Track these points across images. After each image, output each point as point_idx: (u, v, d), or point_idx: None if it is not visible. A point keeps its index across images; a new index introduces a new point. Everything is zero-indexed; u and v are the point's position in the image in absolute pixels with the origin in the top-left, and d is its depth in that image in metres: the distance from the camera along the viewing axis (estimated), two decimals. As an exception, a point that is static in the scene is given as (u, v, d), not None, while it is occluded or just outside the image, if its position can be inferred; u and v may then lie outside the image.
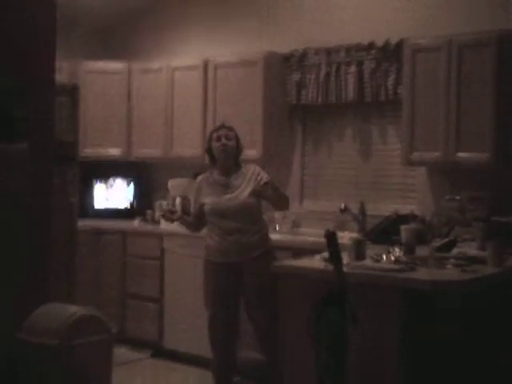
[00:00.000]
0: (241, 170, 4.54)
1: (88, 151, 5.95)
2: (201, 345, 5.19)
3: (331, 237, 3.09)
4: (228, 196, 4.42)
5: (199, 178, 4.62)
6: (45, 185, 3.90)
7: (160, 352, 5.56)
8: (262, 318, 4.37)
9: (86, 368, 3.33)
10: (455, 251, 3.89)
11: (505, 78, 4.36)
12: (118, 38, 6.67)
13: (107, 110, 6.15)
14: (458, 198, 4.59)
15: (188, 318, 5.34)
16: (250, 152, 5.34)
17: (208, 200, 4.46)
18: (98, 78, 6.12)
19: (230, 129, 4.54)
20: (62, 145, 5.00)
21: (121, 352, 5.36)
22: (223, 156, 4.47)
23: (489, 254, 3.64)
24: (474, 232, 4.23)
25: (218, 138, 4.47)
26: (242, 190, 4.43)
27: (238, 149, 4.54)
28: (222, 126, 4.54)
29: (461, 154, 4.48)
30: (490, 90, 4.37)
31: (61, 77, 5.32)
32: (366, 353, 3.27)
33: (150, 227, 5.81)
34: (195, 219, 4.58)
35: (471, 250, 4.02)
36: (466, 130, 4.46)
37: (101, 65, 6.21)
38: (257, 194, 4.40)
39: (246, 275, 4.35)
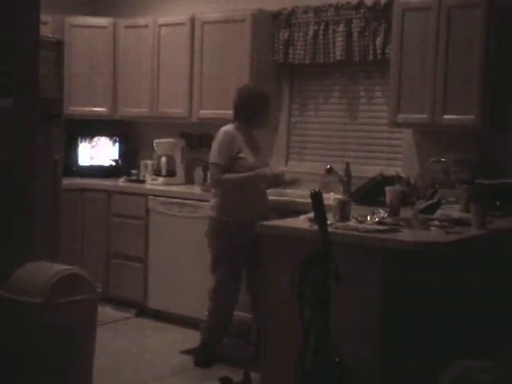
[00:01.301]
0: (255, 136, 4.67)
1: (73, 109, 5.89)
2: (185, 305, 5.24)
3: (316, 197, 3.09)
4: (259, 158, 4.53)
5: (228, 130, 4.52)
6: (29, 142, 3.86)
7: (144, 312, 5.58)
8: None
9: (71, 327, 3.34)
10: (439, 213, 3.91)
11: (493, 40, 4.34)
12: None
13: (92, 66, 6.08)
14: (443, 160, 4.60)
15: (172, 278, 5.36)
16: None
17: (247, 156, 4.47)
18: (83, 33, 6.04)
19: (238, 90, 4.67)
20: (46, 101, 4.95)
21: (105, 311, 5.39)
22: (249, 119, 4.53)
23: (472, 216, 3.66)
24: (458, 194, 4.26)
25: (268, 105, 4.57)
26: (263, 154, 4.65)
27: (252, 111, 4.59)
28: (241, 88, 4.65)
29: (447, 117, 4.47)
30: (478, 51, 4.35)
31: (45, 31, 5.24)
32: (349, 311, 3.30)
33: (135, 186, 5.77)
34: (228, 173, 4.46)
35: (455, 211, 4.04)
36: (453, 93, 4.44)
37: (86, 20, 6.13)
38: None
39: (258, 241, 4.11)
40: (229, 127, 4.55)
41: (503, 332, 3.92)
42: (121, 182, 5.95)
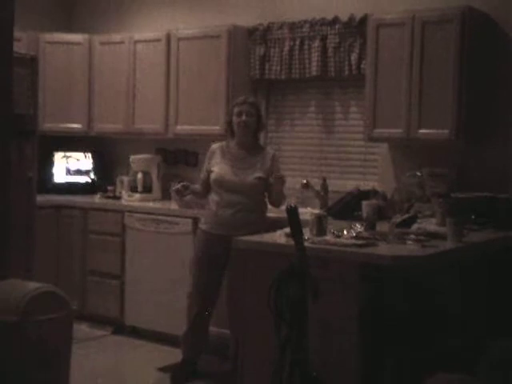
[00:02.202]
0: (261, 148, 4.61)
1: (48, 125, 5.86)
2: (162, 321, 5.20)
3: (292, 212, 3.09)
4: (239, 171, 4.43)
5: (214, 145, 4.60)
6: (3, 159, 3.82)
7: (121, 329, 5.53)
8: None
9: (46, 345, 3.29)
10: (415, 227, 3.92)
11: (467, 55, 4.39)
12: (79, 9, 6.56)
13: (67, 83, 6.04)
14: (418, 174, 4.63)
15: (149, 295, 5.31)
16: (213, 128, 5.32)
17: (217, 169, 4.45)
18: (58, 49, 6.01)
19: (253, 105, 4.51)
20: (20, 118, 4.91)
21: (81, 329, 5.34)
22: (242, 132, 4.45)
23: (448, 229, 3.68)
24: (433, 208, 4.27)
25: (240, 114, 4.45)
26: (254, 170, 4.45)
27: (259, 125, 4.54)
28: (245, 102, 4.49)
29: (422, 131, 4.50)
30: (452, 67, 4.39)
31: (20, 48, 5.21)
32: (326, 327, 3.29)
33: (111, 203, 5.73)
34: (202, 186, 4.59)
35: (431, 225, 4.06)
36: (428, 107, 4.48)
37: (61, 36, 6.10)
38: (268, 183, 4.43)
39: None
40: (218, 143, 4.62)
41: (481, 345, 3.92)
42: (97, 199, 5.91)
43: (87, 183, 6.23)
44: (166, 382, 4.53)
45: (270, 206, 4.59)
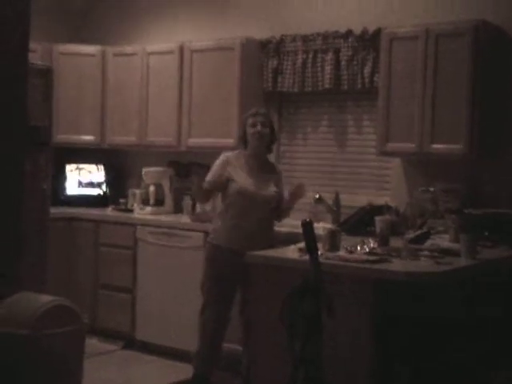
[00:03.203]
0: (271, 164, 4.63)
1: (61, 137, 5.86)
2: (173, 336, 5.18)
3: (308, 226, 3.07)
4: (259, 184, 4.41)
5: (227, 153, 4.54)
6: (17, 171, 3.82)
7: (132, 343, 5.51)
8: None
9: (58, 359, 3.28)
10: (429, 243, 3.90)
11: (480, 69, 4.37)
12: (93, 21, 6.60)
13: (81, 94, 6.06)
14: (431, 189, 4.61)
15: (161, 310, 5.30)
16: (226, 140, 5.31)
17: (239, 179, 4.40)
18: (71, 61, 6.03)
19: (266, 116, 4.52)
20: (35, 129, 4.93)
21: (92, 343, 5.32)
22: (258, 143, 4.44)
23: (462, 246, 3.65)
24: (447, 224, 4.25)
25: (254, 124, 4.44)
26: (270, 183, 4.46)
27: (273, 137, 4.54)
28: (258, 113, 4.49)
29: (435, 146, 4.48)
30: (466, 80, 4.37)
31: (34, 59, 5.23)
32: (341, 343, 3.27)
33: (123, 216, 5.73)
34: (209, 190, 4.48)
35: (444, 241, 4.03)
36: (441, 122, 4.46)
37: (75, 48, 6.13)
38: (281, 198, 4.46)
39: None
40: (232, 152, 4.58)
41: (495, 361, 3.89)
42: (109, 212, 5.91)
43: (99, 195, 6.23)
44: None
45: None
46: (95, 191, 6.25)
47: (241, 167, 4.45)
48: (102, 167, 6.27)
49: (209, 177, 4.49)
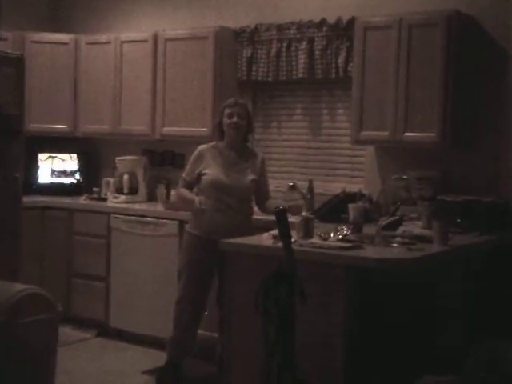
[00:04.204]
0: (250, 150, 4.60)
1: (33, 125, 5.81)
2: (147, 324, 5.18)
3: (281, 214, 3.08)
4: (232, 174, 4.39)
5: (202, 147, 4.53)
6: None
7: (106, 331, 5.50)
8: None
9: (31, 347, 3.27)
10: (401, 230, 3.94)
11: (453, 58, 4.41)
12: (66, 9, 6.54)
13: (53, 83, 6.01)
14: (404, 177, 4.64)
15: (134, 298, 5.29)
16: (200, 129, 5.31)
17: (211, 171, 4.40)
18: (44, 49, 5.98)
19: (243, 106, 4.50)
20: (6, 118, 4.88)
21: (66, 331, 5.30)
22: (234, 134, 4.43)
23: (434, 232, 3.69)
24: (419, 211, 4.29)
25: (231, 115, 4.42)
26: (247, 173, 4.44)
27: (249, 127, 4.52)
28: (236, 103, 4.47)
29: (408, 134, 4.52)
30: (439, 70, 4.41)
31: (5, 47, 5.18)
32: (314, 329, 3.29)
33: (96, 204, 5.70)
34: (186, 187, 4.50)
35: (417, 228, 4.07)
36: (414, 111, 4.50)
37: (47, 36, 6.07)
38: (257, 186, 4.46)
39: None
40: (204, 145, 4.56)
41: (466, 346, 3.94)
42: (82, 200, 5.87)
43: (72, 184, 6.19)
44: (151, 385, 4.52)
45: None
46: (68, 180, 6.20)
47: (215, 159, 4.44)
48: (75, 156, 6.23)
49: (185, 174, 4.52)
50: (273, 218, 3.14)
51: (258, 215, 4.67)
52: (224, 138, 4.49)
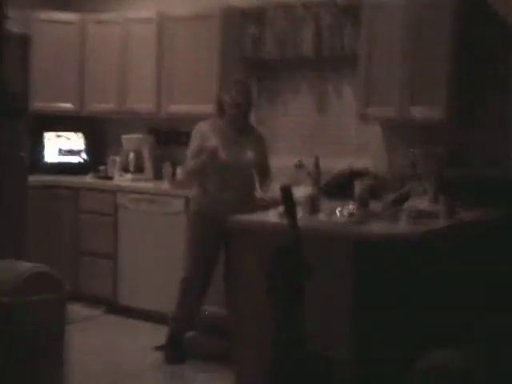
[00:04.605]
0: (251, 127, 4.59)
1: (39, 104, 5.79)
2: (155, 300, 5.21)
3: (286, 190, 3.09)
4: (233, 151, 4.38)
5: (201, 123, 4.51)
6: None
7: (114, 308, 5.53)
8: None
9: (39, 326, 3.29)
10: (408, 205, 3.93)
11: (461, 34, 4.37)
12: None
13: (59, 62, 5.99)
14: (411, 153, 4.63)
15: (142, 274, 5.33)
16: (206, 107, 5.30)
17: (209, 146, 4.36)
18: (50, 28, 5.96)
19: (244, 84, 4.48)
20: (12, 96, 4.88)
21: (75, 309, 5.32)
22: (234, 112, 4.42)
23: (441, 207, 3.69)
24: (426, 186, 4.28)
25: (231, 93, 4.41)
26: (247, 150, 4.44)
27: (250, 105, 4.50)
28: (236, 81, 4.46)
29: (415, 110, 4.50)
30: (446, 44, 4.37)
31: (11, 26, 5.16)
32: (322, 304, 3.31)
33: (103, 183, 5.71)
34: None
35: (423, 204, 4.07)
36: (421, 86, 4.47)
37: (53, 15, 6.04)
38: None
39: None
40: (204, 121, 4.54)
41: (475, 320, 3.95)
42: (89, 179, 5.89)
43: (79, 163, 6.20)
44: (162, 361, 4.54)
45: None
46: (75, 159, 6.22)
47: (215, 136, 4.43)
48: (81, 135, 6.23)
49: (188, 151, 4.49)
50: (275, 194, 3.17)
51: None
52: (224, 116, 4.48)
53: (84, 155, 6.23)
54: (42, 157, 6.11)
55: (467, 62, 4.44)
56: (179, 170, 5.43)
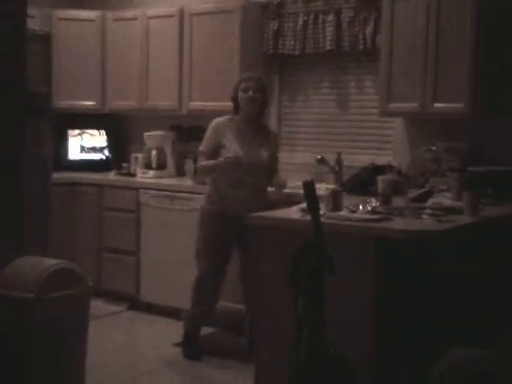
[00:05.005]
0: (264, 126, 4.59)
1: (62, 102, 5.82)
2: (177, 297, 5.22)
3: (309, 186, 3.07)
4: (250, 150, 4.38)
5: (218, 119, 4.51)
6: (17, 136, 3.83)
7: (137, 305, 5.56)
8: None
9: (63, 322, 3.32)
10: (431, 202, 3.90)
11: (483, 27, 4.32)
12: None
13: (81, 60, 6.03)
14: (434, 148, 4.60)
15: (164, 271, 5.34)
16: (227, 103, 5.28)
17: (229, 147, 4.37)
18: (71, 26, 6.00)
19: (259, 80, 4.46)
20: (35, 95, 4.90)
21: (97, 305, 5.34)
22: (249, 108, 4.41)
23: (464, 204, 3.65)
24: (449, 182, 4.25)
25: (246, 89, 4.40)
26: (262, 149, 4.43)
27: (265, 101, 4.49)
28: (251, 77, 4.44)
29: (437, 105, 4.46)
30: (468, 39, 4.33)
31: (33, 25, 5.18)
32: (343, 301, 3.29)
33: (125, 180, 5.74)
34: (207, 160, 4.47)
35: (447, 200, 4.03)
36: (443, 81, 4.43)
37: (74, 13, 6.08)
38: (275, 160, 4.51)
39: (247, 231, 4.12)
40: (220, 118, 4.53)
41: (499, 320, 3.91)
42: (111, 176, 5.92)
43: (101, 160, 6.23)
44: (183, 358, 4.56)
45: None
46: (98, 156, 6.25)
47: (231, 133, 4.43)
48: (103, 132, 6.26)
49: (203, 148, 4.50)
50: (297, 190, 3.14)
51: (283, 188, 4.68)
52: (239, 113, 4.46)
53: (107, 152, 6.27)
54: (66, 154, 6.16)
55: (490, 55, 4.39)
56: (190, 165, 5.47)
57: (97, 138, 6.25)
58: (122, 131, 6.37)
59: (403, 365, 3.38)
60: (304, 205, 3.27)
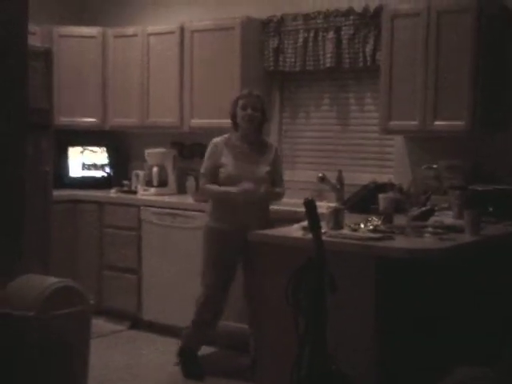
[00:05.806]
0: (264, 142, 4.55)
1: (62, 119, 5.83)
2: (179, 316, 5.19)
3: (310, 204, 3.07)
4: (248, 167, 4.37)
5: (216, 139, 4.50)
6: (18, 153, 3.82)
7: (138, 323, 5.54)
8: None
9: (64, 340, 3.30)
10: (432, 220, 3.90)
11: (483, 45, 4.34)
12: (92, 2, 6.55)
13: (81, 76, 6.04)
14: (435, 166, 4.60)
15: (166, 289, 5.32)
16: (228, 120, 5.29)
17: (227, 164, 4.37)
18: (71, 43, 6.01)
19: (258, 97, 4.45)
20: (35, 112, 4.91)
21: (99, 324, 5.33)
22: (248, 126, 4.40)
23: (466, 222, 3.65)
24: (450, 201, 4.25)
25: (245, 107, 4.39)
26: (261, 164, 4.41)
27: (263, 119, 4.49)
28: (250, 95, 4.44)
29: (438, 123, 4.47)
30: (468, 57, 4.35)
31: (34, 41, 5.20)
32: (344, 319, 3.28)
33: (126, 197, 5.74)
34: (208, 181, 4.46)
35: (448, 218, 4.03)
36: (444, 98, 4.44)
37: (75, 29, 6.09)
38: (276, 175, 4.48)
39: (251, 248, 4.10)
40: (218, 137, 4.54)
41: (499, 337, 3.90)
42: (112, 193, 5.91)
43: (103, 177, 6.23)
44: (180, 377, 4.53)
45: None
46: (99, 173, 6.25)
47: (230, 151, 4.42)
48: (104, 149, 6.27)
49: (204, 170, 4.49)
50: (298, 208, 3.14)
51: (284, 206, 4.67)
52: (238, 130, 4.46)
53: (108, 169, 6.27)
54: (67, 171, 6.15)
55: (490, 72, 4.40)
56: (191, 185, 5.46)
57: (98, 155, 6.26)
58: (123, 148, 6.37)
59: (405, 382, 3.36)
60: (305, 223, 3.27)
